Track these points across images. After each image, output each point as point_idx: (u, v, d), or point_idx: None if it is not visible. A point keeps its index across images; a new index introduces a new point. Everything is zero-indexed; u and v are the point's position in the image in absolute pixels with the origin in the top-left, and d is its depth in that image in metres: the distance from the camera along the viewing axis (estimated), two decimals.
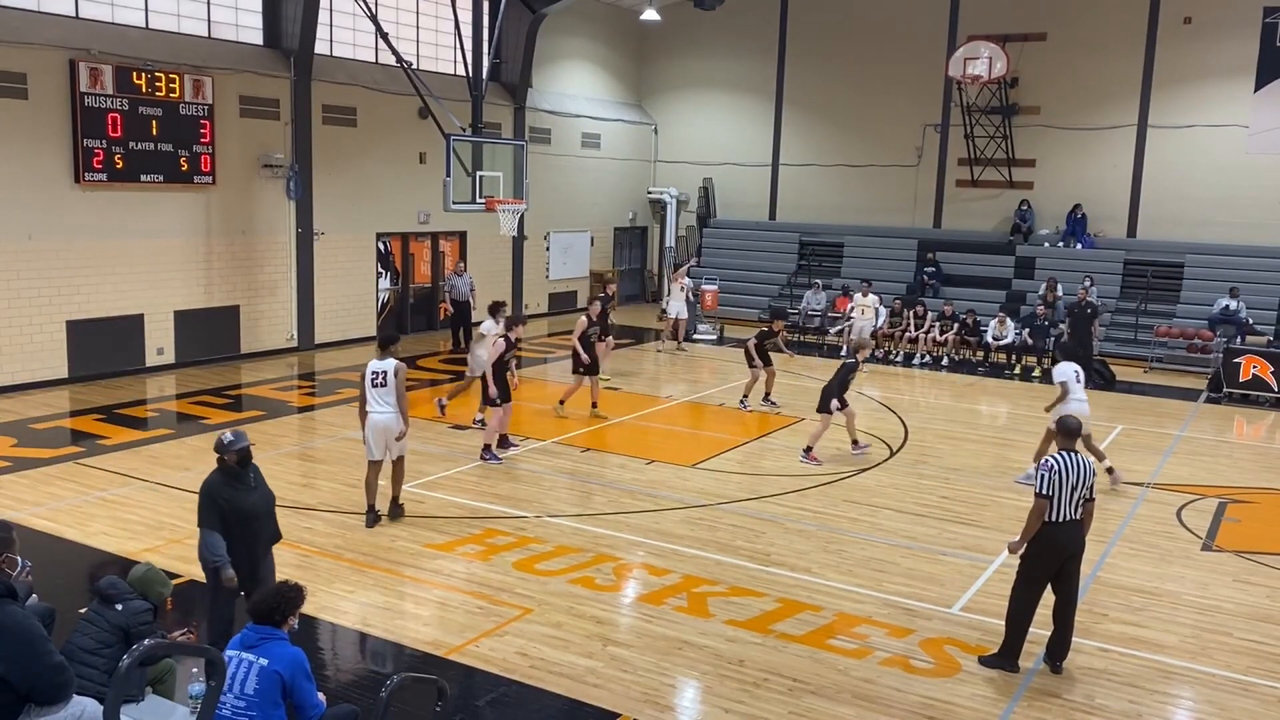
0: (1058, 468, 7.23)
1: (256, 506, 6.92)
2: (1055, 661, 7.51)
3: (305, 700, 5.10)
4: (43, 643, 4.77)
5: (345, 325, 20.88)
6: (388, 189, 21.30)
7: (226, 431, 7.04)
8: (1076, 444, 7.56)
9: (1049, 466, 7.25)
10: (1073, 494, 7.23)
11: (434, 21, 22.59)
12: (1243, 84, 22.16)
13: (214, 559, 6.73)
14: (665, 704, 6.98)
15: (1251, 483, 12.86)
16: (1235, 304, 20.56)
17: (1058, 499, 7.20)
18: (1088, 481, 7.30)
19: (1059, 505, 7.21)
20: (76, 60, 15.74)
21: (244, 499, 6.83)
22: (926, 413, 16.37)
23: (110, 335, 16.76)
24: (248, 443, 6.97)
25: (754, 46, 27.61)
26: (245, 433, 7.07)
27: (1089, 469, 7.34)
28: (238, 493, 6.82)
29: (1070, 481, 7.21)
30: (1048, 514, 7.22)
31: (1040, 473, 7.27)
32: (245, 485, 6.88)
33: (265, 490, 7.08)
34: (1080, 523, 7.34)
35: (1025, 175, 24.70)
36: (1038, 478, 7.28)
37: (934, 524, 10.76)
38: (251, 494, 6.90)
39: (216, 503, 6.77)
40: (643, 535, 10.16)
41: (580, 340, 14.87)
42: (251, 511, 6.86)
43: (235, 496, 6.80)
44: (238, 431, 7.06)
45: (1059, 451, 7.42)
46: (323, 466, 12.35)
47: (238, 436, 6.98)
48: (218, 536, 6.72)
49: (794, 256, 26.68)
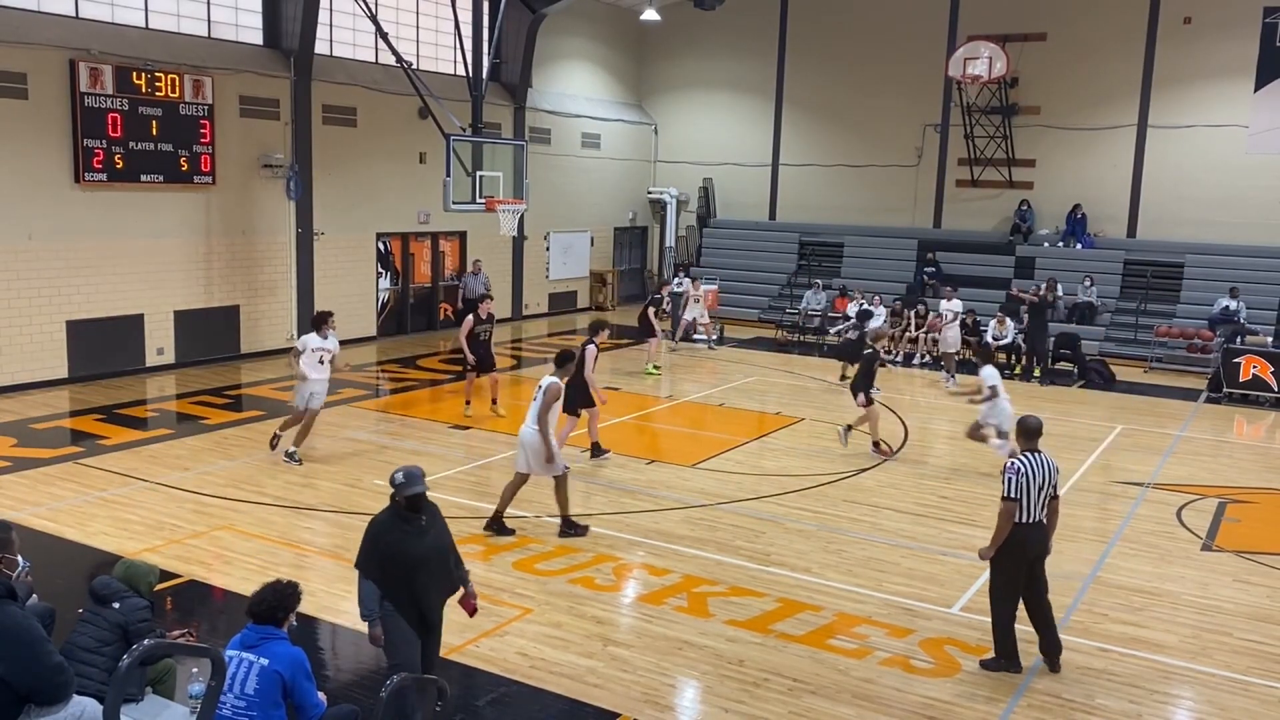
0: (1024, 469, 7.23)
1: (426, 554, 6.10)
2: (1053, 659, 7.52)
3: (305, 700, 5.10)
4: (42, 643, 4.77)
5: (345, 325, 20.77)
6: (388, 189, 21.29)
7: (400, 470, 6.14)
8: (1038, 443, 7.54)
9: (1015, 469, 7.24)
10: (1039, 494, 7.25)
11: (434, 21, 22.58)
12: (1243, 84, 22.17)
13: (364, 613, 6.07)
14: (665, 704, 6.98)
15: (1251, 483, 12.87)
16: (1235, 304, 20.57)
17: (1025, 500, 7.22)
18: (1051, 480, 7.34)
19: (1027, 506, 7.23)
20: (76, 60, 15.73)
21: (411, 545, 6.06)
22: (926, 412, 16.37)
23: (110, 335, 16.76)
24: (422, 488, 6.11)
25: (754, 46, 27.61)
26: (421, 473, 6.17)
27: (1052, 467, 7.37)
28: (406, 537, 6.05)
29: (1036, 482, 7.24)
30: (1016, 516, 7.23)
31: (1007, 476, 7.25)
32: (415, 529, 6.09)
33: (439, 533, 6.27)
34: (1043, 523, 7.36)
35: (1025, 175, 24.71)
36: (1005, 481, 7.25)
37: (934, 524, 10.76)
38: (421, 539, 6.09)
39: (378, 547, 6.04)
40: (643, 535, 10.16)
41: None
42: (419, 559, 6.06)
43: (402, 541, 6.05)
44: (411, 471, 6.12)
45: (1023, 453, 7.42)
46: (323, 466, 12.35)
47: (410, 479, 6.08)
48: (371, 586, 6.03)
49: (794, 256, 26.70)
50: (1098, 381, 19.29)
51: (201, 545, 9.53)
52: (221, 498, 10.90)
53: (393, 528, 6.07)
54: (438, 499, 11.08)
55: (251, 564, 9.08)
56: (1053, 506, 7.41)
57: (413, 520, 6.09)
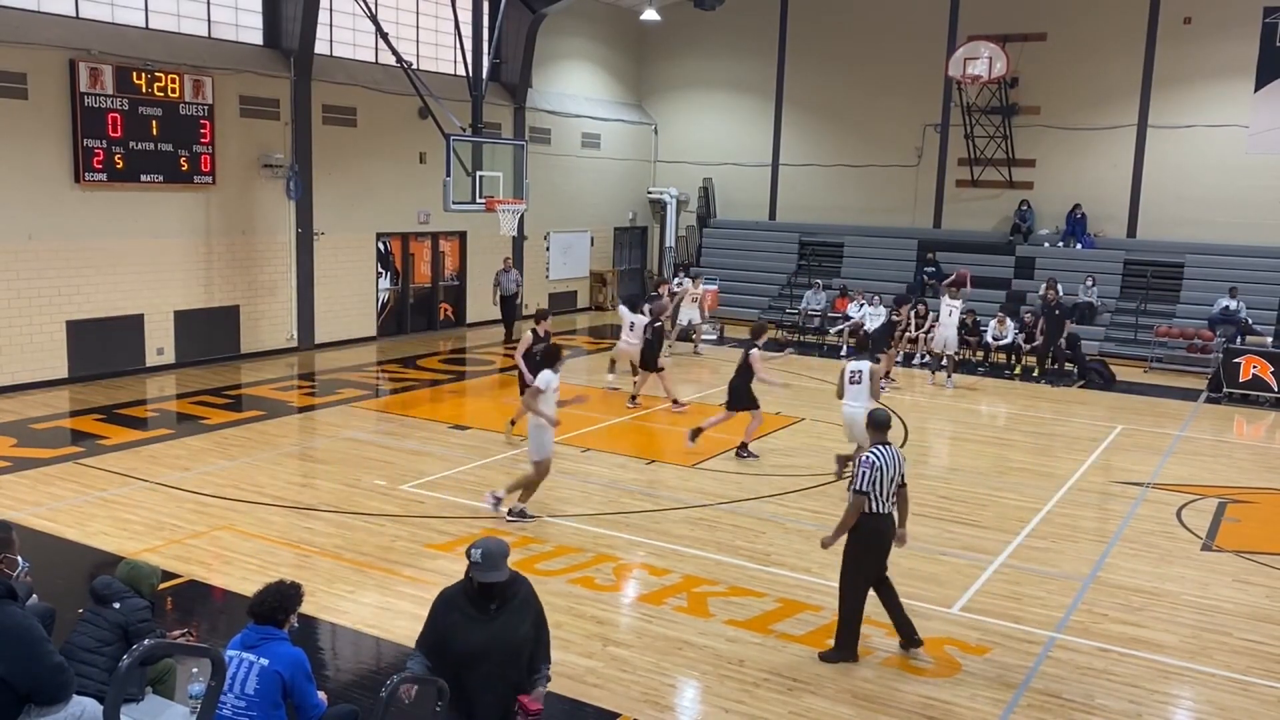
0: (878, 464, 7.41)
1: (486, 646, 5.02)
2: (912, 638, 7.69)
3: (306, 700, 5.10)
4: (43, 643, 4.77)
5: (345, 325, 20.89)
6: (388, 189, 21.29)
7: (480, 545, 5.04)
8: (887, 436, 7.73)
9: (869, 463, 7.42)
10: (890, 485, 7.46)
11: (434, 21, 22.58)
12: (1243, 84, 22.17)
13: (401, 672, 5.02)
14: (665, 704, 6.98)
15: (1251, 483, 12.86)
16: (1235, 304, 20.57)
17: (876, 492, 7.39)
18: (899, 470, 7.54)
19: (878, 498, 7.41)
20: (76, 60, 15.74)
21: (471, 633, 5.02)
22: (926, 412, 16.37)
23: (110, 335, 16.76)
24: (500, 578, 5.01)
25: (754, 46, 27.60)
26: (504, 554, 5.05)
27: (900, 459, 7.59)
28: (468, 623, 5.04)
29: (889, 474, 7.44)
30: (868, 507, 7.40)
31: (861, 470, 7.42)
32: (482, 615, 5.05)
33: (513, 624, 5.10)
34: (892, 513, 7.57)
35: (1025, 175, 24.70)
36: (858, 474, 7.43)
37: (934, 524, 10.75)
38: (483, 628, 5.03)
39: (436, 625, 5.13)
40: (643, 535, 10.16)
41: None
42: (476, 651, 5.00)
43: (461, 626, 5.05)
44: (491, 550, 5.00)
45: (875, 446, 7.58)
46: (323, 466, 12.35)
47: (488, 561, 4.97)
48: (419, 661, 5.12)
49: (794, 256, 26.68)
50: (1098, 381, 19.28)
51: (201, 545, 9.54)
52: (221, 498, 10.90)
53: (455, 607, 5.11)
54: (438, 499, 11.19)
55: (251, 564, 9.08)
56: (901, 495, 7.65)
57: (482, 605, 5.07)
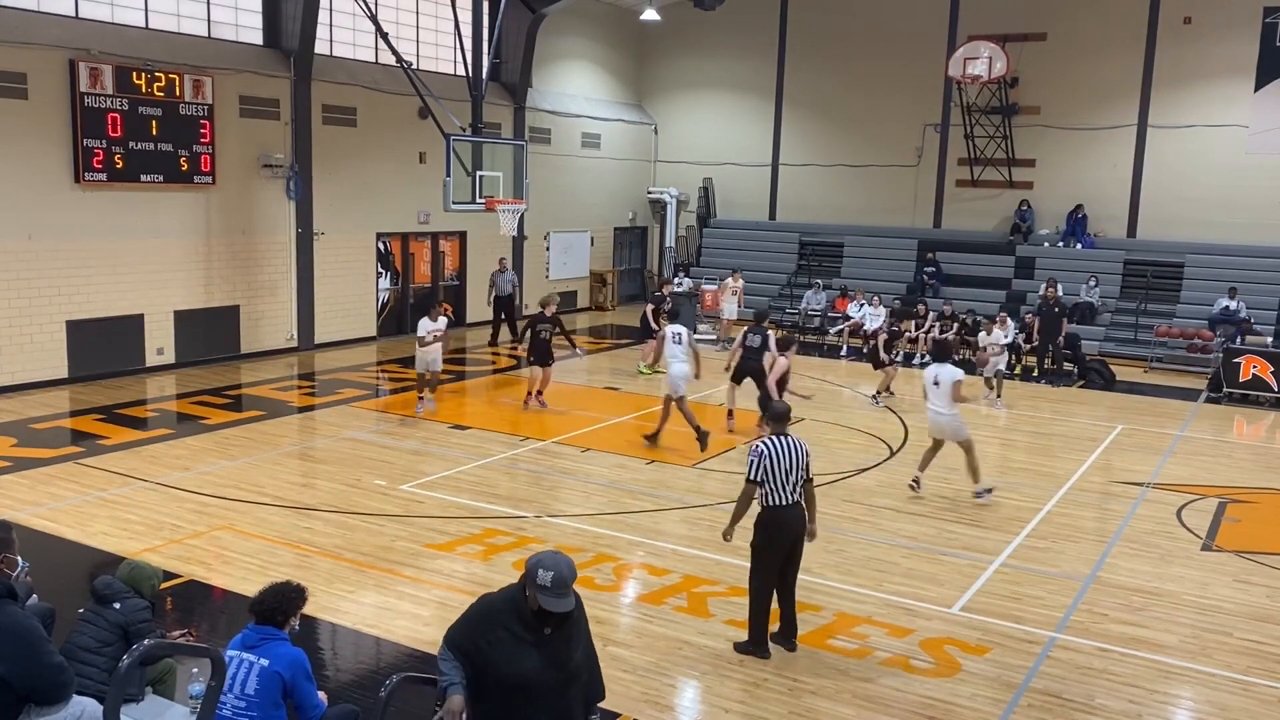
0: (768, 452, 7.34)
1: (537, 674, 4.31)
2: (790, 640, 7.67)
3: (306, 701, 5.10)
4: (42, 643, 4.77)
5: (345, 325, 20.88)
6: (388, 189, 21.29)
7: (546, 561, 4.39)
8: (786, 427, 7.66)
9: (759, 452, 7.35)
10: (788, 478, 7.36)
11: (434, 21, 22.58)
12: (1243, 84, 22.17)
13: (442, 681, 4.43)
14: (665, 704, 6.97)
15: (1251, 483, 12.86)
16: (1235, 304, 20.56)
17: (772, 483, 7.33)
18: (802, 463, 7.43)
19: (776, 489, 7.34)
20: (76, 60, 15.73)
21: (518, 656, 4.31)
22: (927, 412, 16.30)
23: (110, 335, 16.75)
24: (570, 606, 4.35)
25: (754, 46, 27.61)
26: (572, 578, 4.40)
27: (803, 451, 7.46)
28: (514, 642, 4.33)
29: (784, 465, 7.34)
30: (769, 498, 7.36)
31: (750, 458, 7.39)
32: (533, 637, 4.34)
33: (567, 646, 4.41)
34: (800, 505, 7.48)
35: (1025, 175, 24.70)
36: (749, 463, 7.39)
37: (934, 524, 10.75)
38: (534, 652, 4.32)
39: (474, 635, 4.41)
40: (643, 535, 10.15)
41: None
42: (525, 679, 4.29)
43: (509, 645, 4.33)
44: (561, 574, 4.34)
45: (770, 436, 7.52)
46: (323, 466, 12.35)
47: (558, 587, 4.31)
48: (452, 664, 4.42)
49: (794, 256, 26.69)
50: (1098, 381, 19.28)
51: (201, 545, 9.53)
52: (221, 498, 10.90)
53: (499, 623, 4.37)
54: (438, 499, 11.19)
55: (251, 564, 9.08)
56: (808, 490, 7.55)
57: (534, 627, 4.35)
